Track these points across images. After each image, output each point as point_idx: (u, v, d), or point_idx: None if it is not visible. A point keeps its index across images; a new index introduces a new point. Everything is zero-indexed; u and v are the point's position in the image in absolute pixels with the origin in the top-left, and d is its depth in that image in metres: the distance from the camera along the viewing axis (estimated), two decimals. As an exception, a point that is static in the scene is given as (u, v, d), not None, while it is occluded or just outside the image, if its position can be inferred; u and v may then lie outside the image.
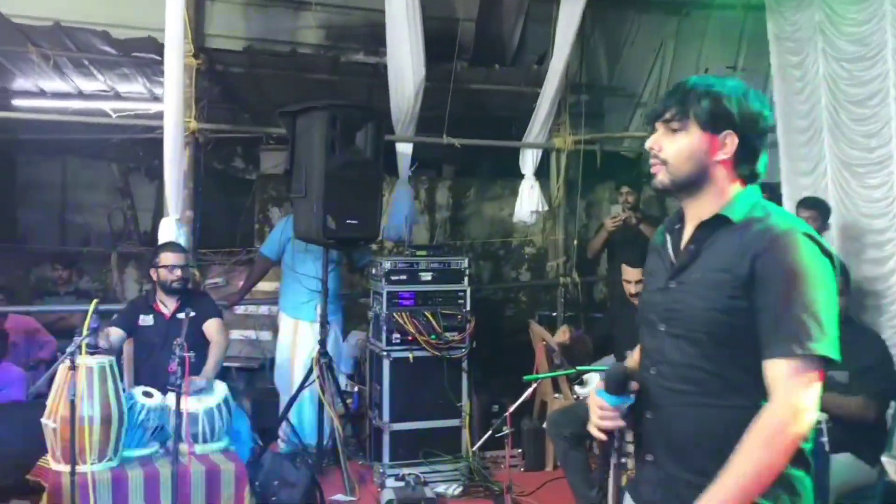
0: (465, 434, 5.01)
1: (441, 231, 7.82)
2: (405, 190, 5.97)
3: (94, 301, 3.59)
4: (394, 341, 4.94)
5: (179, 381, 3.57)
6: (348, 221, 4.85)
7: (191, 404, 3.97)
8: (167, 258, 4.41)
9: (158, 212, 8.14)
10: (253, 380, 6.49)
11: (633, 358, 2.08)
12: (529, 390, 4.42)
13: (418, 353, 4.94)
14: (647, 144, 1.90)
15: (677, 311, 1.84)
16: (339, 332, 5.61)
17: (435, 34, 5.69)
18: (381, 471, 4.90)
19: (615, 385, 1.86)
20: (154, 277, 4.46)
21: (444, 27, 6.16)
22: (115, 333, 4.29)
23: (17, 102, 7.05)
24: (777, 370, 1.67)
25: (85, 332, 3.52)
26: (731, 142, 1.82)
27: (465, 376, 5.03)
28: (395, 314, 4.93)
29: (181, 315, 4.37)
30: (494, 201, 7.94)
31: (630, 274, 4.56)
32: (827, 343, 1.66)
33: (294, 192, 5.01)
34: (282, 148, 7.61)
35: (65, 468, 3.54)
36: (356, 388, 5.87)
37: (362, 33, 6.03)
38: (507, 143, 6.57)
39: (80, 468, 3.47)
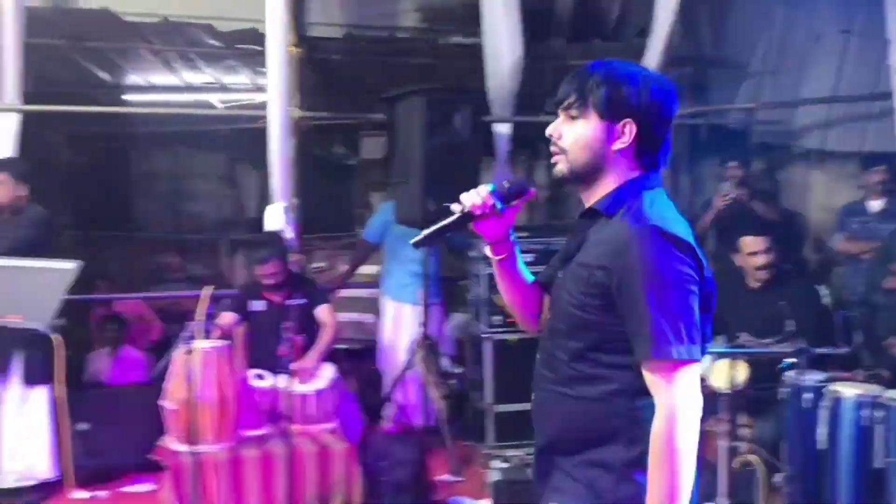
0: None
1: (540, 211, 7.74)
2: (503, 171, 5.93)
3: (209, 288, 3.72)
4: (494, 323, 4.94)
5: (289, 363, 3.67)
6: (447, 204, 4.85)
7: (302, 387, 4.09)
8: (262, 270, 4.52)
9: (263, 200, 8.37)
10: (357, 361, 6.61)
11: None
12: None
13: (521, 335, 4.91)
14: (547, 131, 1.83)
15: (554, 302, 1.84)
16: (441, 314, 5.65)
17: (531, 11, 5.61)
18: (485, 452, 4.92)
19: (508, 191, 1.81)
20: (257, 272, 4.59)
21: (540, 3, 6.07)
22: (227, 318, 4.44)
23: (128, 97, 7.38)
24: (646, 373, 1.66)
25: (201, 317, 3.65)
26: (629, 130, 1.75)
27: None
28: (494, 297, 4.92)
29: (290, 301, 4.51)
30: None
31: (752, 244, 4.40)
32: (681, 345, 1.62)
33: (394, 177, 5.05)
34: (382, 133, 7.70)
35: (184, 448, 3.70)
36: (457, 370, 5.90)
37: (459, 14, 6.01)
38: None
39: (198, 448, 3.62)
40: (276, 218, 5.07)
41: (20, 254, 3.87)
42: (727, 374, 3.66)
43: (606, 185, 1.77)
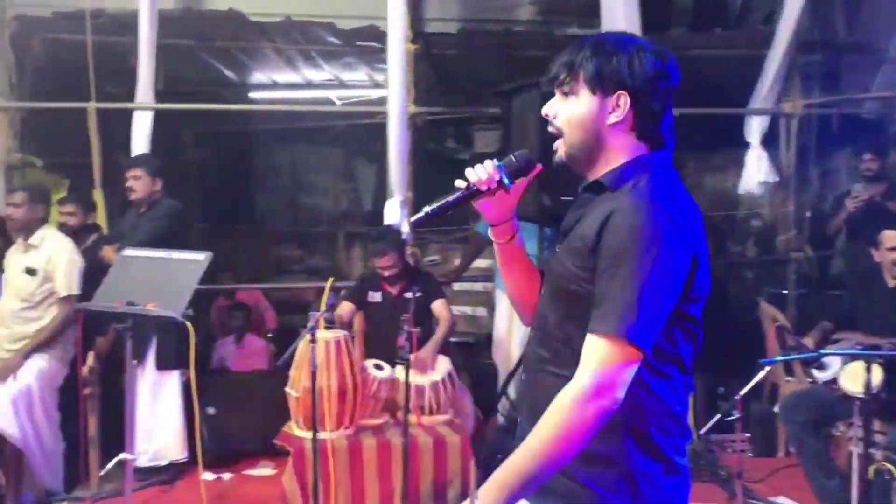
0: (689, 415, 4.83)
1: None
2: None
3: (331, 280, 3.80)
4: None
5: (408, 355, 3.72)
6: (563, 198, 4.80)
7: (418, 378, 4.14)
8: (380, 262, 4.59)
9: (378, 193, 8.52)
10: (470, 355, 6.64)
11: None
12: (762, 373, 4.17)
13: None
14: (543, 111, 1.73)
15: (551, 276, 1.71)
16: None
17: (651, 0, 5.48)
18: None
19: (516, 167, 1.74)
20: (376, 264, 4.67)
21: (660, -7, 5.92)
22: (346, 308, 4.55)
23: (253, 95, 7.66)
24: (586, 342, 1.53)
25: (323, 307, 3.74)
26: (623, 103, 1.63)
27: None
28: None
29: (408, 294, 4.57)
30: (715, 172, 7.55)
31: (892, 239, 4.16)
32: (633, 331, 1.48)
33: (510, 171, 5.03)
34: (495, 127, 7.70)
35: (307, 434, 3.81)
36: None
37: (576, 5, 5.93)
38: (731, 111, 6.20)
39: (320, 435, 3.72)
40: (394, 211, 5.15)
41: (155, 245, 4.06)
42: (861, 376, 3.47)
43: (609, 162, 1.66)
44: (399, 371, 4.18)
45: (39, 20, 5.56)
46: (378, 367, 4.27)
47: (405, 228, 5.05)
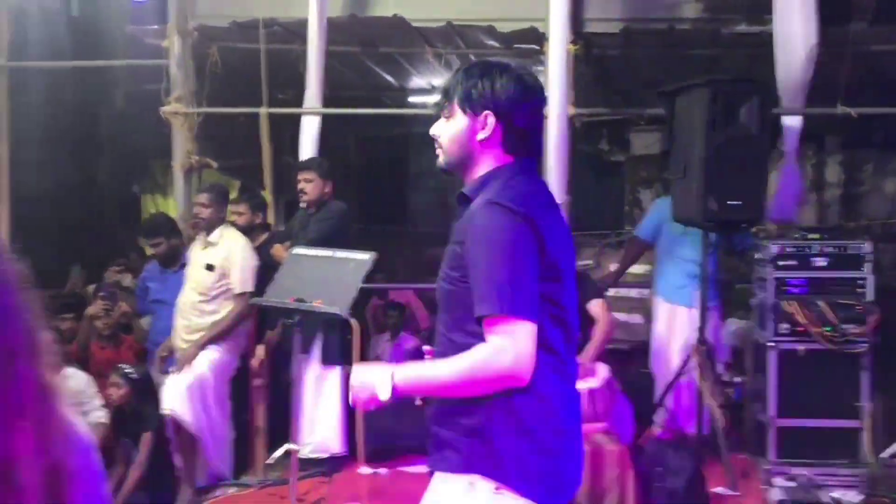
0: (866, 437, 4.51)
1: (831, 211, 7.11)
2: (793, 167, 5.51)
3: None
4: (781, 332, 4.60)
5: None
6: (730, 203, 4.60)
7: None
8: None
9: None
10: (623, 363, 6.49)
11: None
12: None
13: (809, 346, 4.54)
14: (431, 132, 2.01)
15: (437, 281, 1.98)
16: (718, 318, 5.37)
17: (827, -6, 5.16)
18: (766, 467, 4.60)
19: None
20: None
21: (838, -15, 5.55)
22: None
23: (412, 99, 7.81)
24: (484, 326, 1.78)
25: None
26: (490, 122, 1.89)
27: (864, 374, 4.52)
28: (783, 302, 4.58)
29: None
30: (897, 176, 7.03)
31: None
32: (506, 302, 1.73)
33: (672, 173, 4.88)
34: (654, 129, 7.51)
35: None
36: (737, 379, 5.58)
37: (744, 2, 5.67)
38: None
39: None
40: (551, 215, 5.10)
41: (323, 245, 4.23)
42: None
43: (478, 172, 1.94)
44: (556, 376, 4.14)
45: (217, 30, 5.89)
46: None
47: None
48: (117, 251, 7.46)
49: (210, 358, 4.47)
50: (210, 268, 4.51)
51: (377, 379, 1.85)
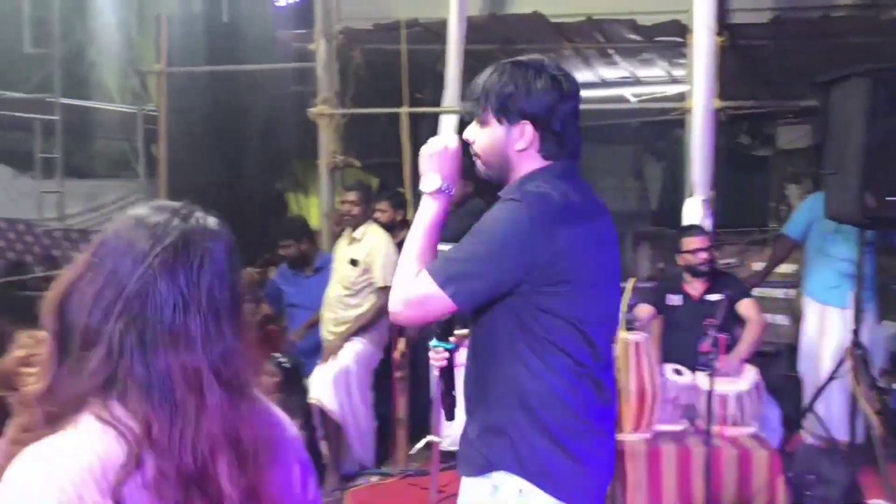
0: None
1: None
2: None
3: (633, 280, 3.77)
4: (945, 336, 4.30)
5: (713, 361, 3.57)
6: (889, 198, 4.34)
7: (722, 386, 3.96)
8: (689, 242, 4.44)
9: (666, 192, 8.30)
10: (768, 366, 6.24)
11: None
12: None
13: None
14: (464, 136, 1.98)
15: None
16: (874, 321, 5.08)
17: None
18: (929, 481, 4.32)
19: (435, 331, 2.04)
20: (680, 262, 4.52)
21: None
22: (645, 310, 4.47)
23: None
24: (419, 274, 1.84)
25: (624, 308, 3.71)
26: (527, 131, 1.87)
27: None
28: (950, 305, 4.29)
29: (710, 297, 4.40)
30: None
31: None
32: (446, 277, 1.79)
33: (826, 168, 4.64)
34: (802, 122, 7.18)
35: (605, 434, 3.80)
36: (894, 385, 5.26)
37: (903, -14, 5.34)
38: None
39: (619, 436, 3.68)
40: (695, 211, 4.97)
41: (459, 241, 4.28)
42: None
43: (516, 178, 1.93)
44: (700, 377, 4.03)
45: (361, 32, 6.08)
46: (677, 373, 4.15)
47: (707, 228, 4.85)
48: (264, 246, 7.82)
49: (355, 349, 4.62)
50: (354, 263, 4.66)
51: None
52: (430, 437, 3.72)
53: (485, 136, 1.93)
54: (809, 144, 7.12)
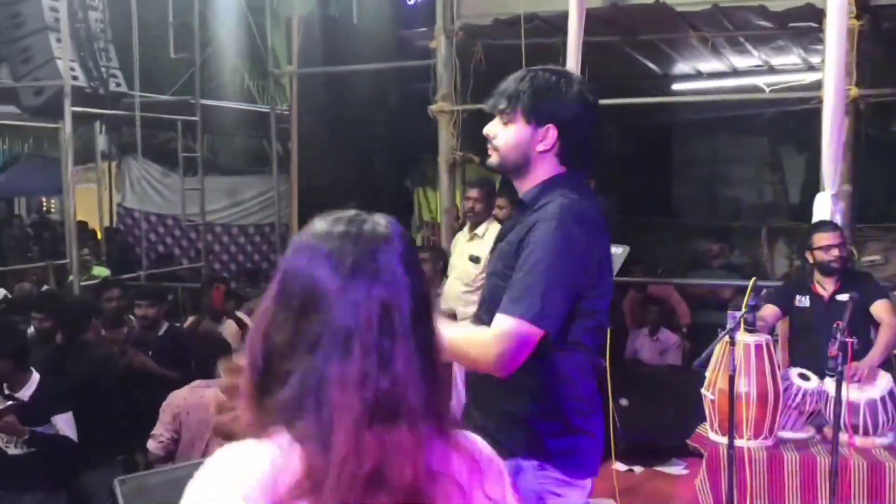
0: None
1: None
2: None
3: (754, 279, 3.62)
4: None
5: (841, 366, 3.37)
6: None
7: (852, 393, 3.73)
8: (821, 238, 4.19)
9: (808, 185, 7.87)
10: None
11: None
12: None
13: None
14: (485, 131, 2.04)
15: (486, 276, 2.13)
16: None
17: None
18: None
19: None
20: (810, 259, 4.27)
21: None
22: (770, 311, 4.25)
23: (675, 87, 7.55)
24: (496, 318, 1.86)
25: (744, 309, 3.55)
26: (551, 135, 1.96)
27: None
28: None
29: (840, 297, 4.13)
30: None
31: None
32: (530, 309, 1.81)
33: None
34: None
35: (722, 440, 3.65)
36: None
37: None
38: None
39: (737, 442, 3.54)
40: (825, 207, 4.69)
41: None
42: None
43: (533, 179, 2.01)
44: (828, 383, 3.81)
45: (481, 27, 6.09)
46: (803, 378, 3.93)
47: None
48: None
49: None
50: (475, 260, 4.68)
51: None
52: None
53: (510, 134, 2.00)
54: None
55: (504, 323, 1.84)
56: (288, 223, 8.03)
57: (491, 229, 4.77)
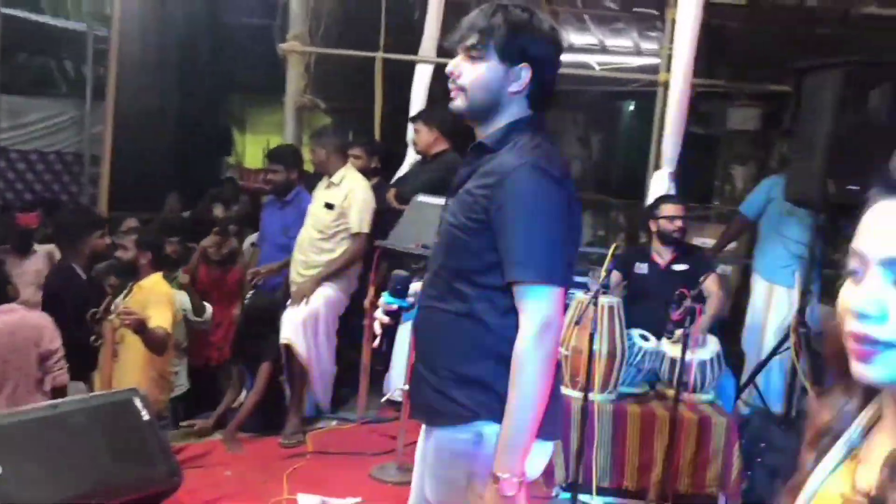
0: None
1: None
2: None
3: (615, 245, 3.85)
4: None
5: (688, 329, 3.71)
6: (849, 187, 4.55)
7: (686, 354, 4.11)
8: (667, 209, 4.55)
9: (613, 163, 8.41)
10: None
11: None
12: None
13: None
14: (448, 69, 1.91)
15: (441, 227, 1.95)
16: (818, 301, 5.34)
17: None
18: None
19: (393, 287, 2.04)
20: (653, 228, 4.62)
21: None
22: (615, 277, 4.57)
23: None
24: (514, 294, 1.79)
25: (604, 273, 3.79)
26: (525, 75, 1.85)
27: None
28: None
29: (676, 267, 4.53)
30: None
31: None
32: (542, 268, 1.75)
33: (794, 153, 4.83)
34: (752, 104, 7.39)
35: (574, 394, 3.90)
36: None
37: (879, -18, 5.52)
38: None
39: (589, 396, 3.79)
40: (662, 184, 5.09)
41: (427, 192, 4.33)
42: None
43: (499, 122, 1.89)
44: (665, 344, 4.18)
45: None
46: (644, 338, 4.28)
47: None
48: (211, 181, 7.62)
49: (325, 294, 4.58)
50: (329, 206, 4.60)
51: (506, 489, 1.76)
52: (403, 387, 3.74)
53: (479, 72, 1.85)
54: (757, 128, 7.34)
55: (527, 293, 1.77)
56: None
57: (348, 177, 4.68)
